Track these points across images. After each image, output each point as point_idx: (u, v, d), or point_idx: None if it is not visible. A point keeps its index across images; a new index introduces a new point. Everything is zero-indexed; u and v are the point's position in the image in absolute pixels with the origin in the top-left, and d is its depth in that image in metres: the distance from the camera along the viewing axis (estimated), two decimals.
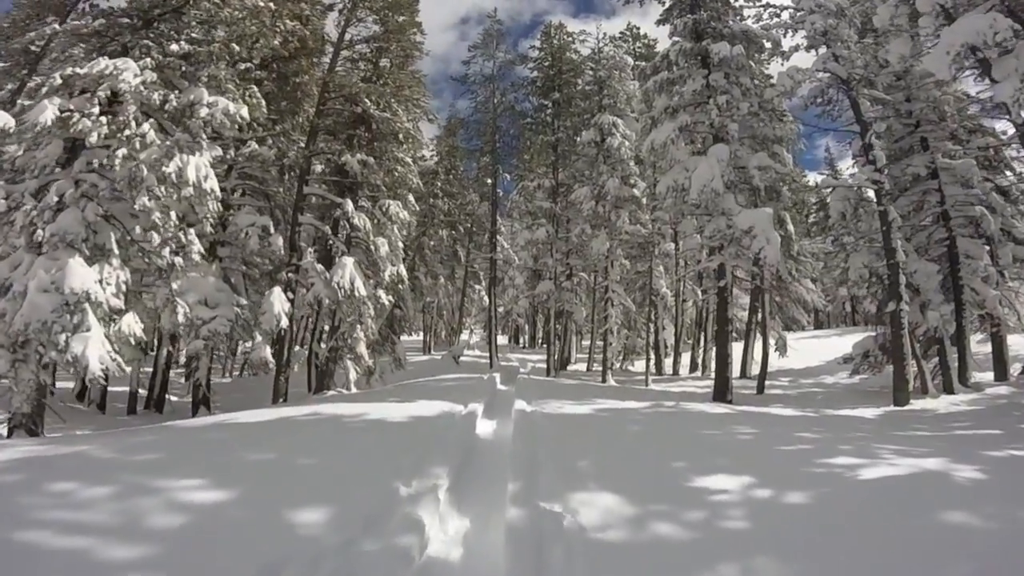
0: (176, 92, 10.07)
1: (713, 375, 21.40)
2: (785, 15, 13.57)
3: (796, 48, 14.00)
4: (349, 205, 13.96)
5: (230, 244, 13.87)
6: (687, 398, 13.33)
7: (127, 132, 8.79)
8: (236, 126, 10.20)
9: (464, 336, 35.08)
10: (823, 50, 13.25)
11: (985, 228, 14.76)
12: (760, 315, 16.51)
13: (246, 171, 15.01)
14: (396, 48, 17.12)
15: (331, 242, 14.19)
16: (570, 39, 22.21)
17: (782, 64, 14.16)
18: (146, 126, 9.09)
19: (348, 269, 12.79)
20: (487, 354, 24.75)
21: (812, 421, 9.33)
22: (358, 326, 13.29)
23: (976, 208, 14.77)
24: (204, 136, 9.86)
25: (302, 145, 15.52)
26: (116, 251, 9.01)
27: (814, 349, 21.64)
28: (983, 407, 11.14)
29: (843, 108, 14.64)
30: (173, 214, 9.48)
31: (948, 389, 12.85)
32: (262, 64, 15.23)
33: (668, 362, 23.58)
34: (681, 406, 10.36)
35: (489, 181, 25.80)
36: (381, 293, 13.97)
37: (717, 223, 12.90)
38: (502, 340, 44.29)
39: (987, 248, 15.04)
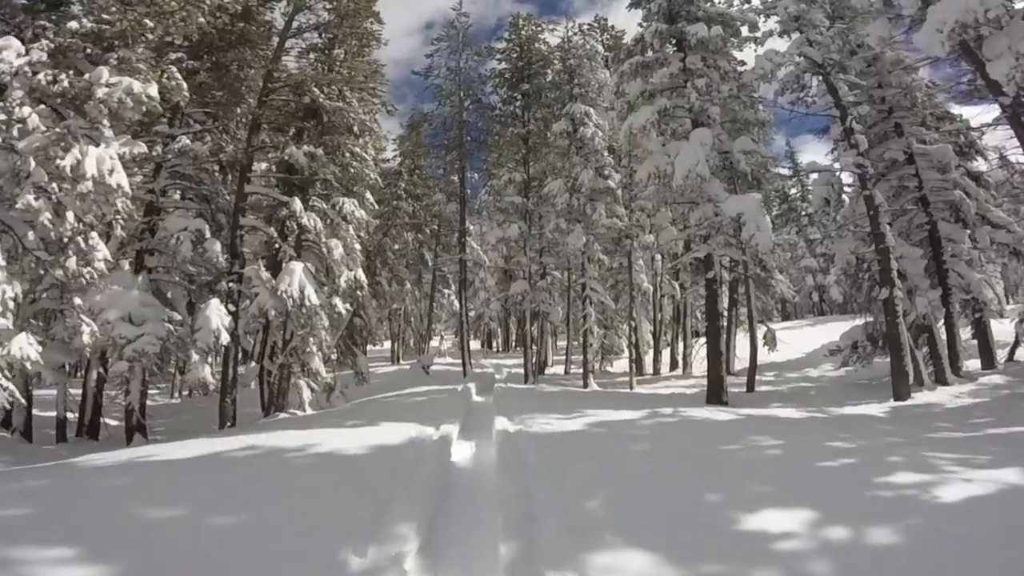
0: (69, 72, 8.42)
1: (694, 373, 21.24)
2: (756, 0, 13.08)
3: (770, 33, 13.49)
4: (297, 204, 12.43)
5: (160, 252, 12.18)
6: (679, 402, 12.41)
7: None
8: (143, 108, 8.58)
9: (434, 343, 33.56)
10: (796, 35, 12.82)
11: (965, 212, 14.68)
12: (746, 308, 15.67)
13: (178, 170, 13.32)
14: (350, 37, 15.65)
15: (278, 246, 12.61)
16: (539, 29, 21.23)
17: (756, 50, 13.65)
18: (27, 110, 7.45)
19: (297, 275, 11.28)
20: (459, 361, 23.31)
21: (828, 424, 8.45)
22: (311, 339, 11.76)
23: (955, 192, 14.61)
24: (106, 123, 8.25)
25: (242, 140, 13.89)
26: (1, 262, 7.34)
27: (791, 340, 21.01)
28: (989, 399, 10.52)
29: (817, 94, 14.20)
30: (70, 215, 7.84)
31: (940, 379, 12.38)
32: (195, 53, 13.65)
33: (647, 360, 22.67)
34: (681, 413, 9.31)
35: (456, 179, 24.50)
36: (337, 301, 12.46)
37: (704, 210, 11.98)
38: (474, 345, 42.96)
39: (967, 232, 14.84)
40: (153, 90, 8.69)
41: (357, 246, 13.66)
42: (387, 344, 35.32)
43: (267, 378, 12.96)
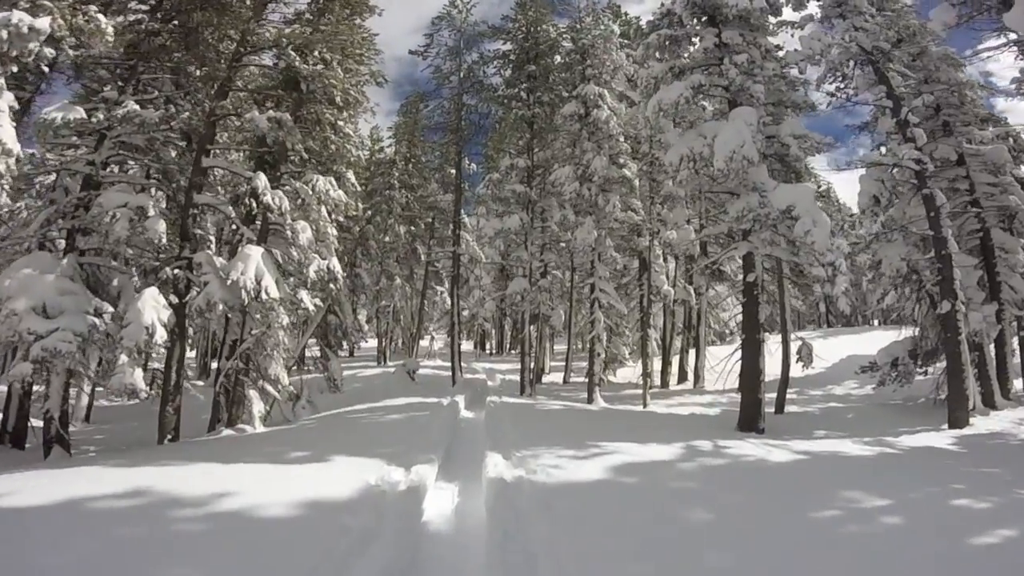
0: None
1: (707, 388, 19.33)
2: None
3: (809, 18, 11.91)
4: (261, 180, 10.39)
5: (95, 232, 10.15)
6: (706, 427, 10.57)
7: None
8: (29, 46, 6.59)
9: (424, 343, 31.55)
10: (837, 22, 11.30)
11: (1022, 220, 13.30)
12: (779, 317, 13.77)
13: (123, 139, 11.29)
14: (338, 5, 13.63)
15: (235, 227, 10.59)
16: (547, 11, 19.00)
17: (792, 35, 11.92)
18: None
19: (254, 263, 9.25)
20: (450, 365, 21.26)
21: (911, 466, 7.07)
22: (268, 339, 9.74)
23: (1011, 198, 13.31)
24: None
25: (204, 105, 11.87)
26: None
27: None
28: None
29: (860, 86, 12.56)
30: None
31: (989, 402, 11.37)
32: (161, 16, 11.82)
33: (655, 369, 20.72)
34: (725, 451, 7.41)
35: (452, 171, 22.52)
36: (304, 295, 10.44)
37: (748, 201, 10.04)
38: (467, 347, 41.10)
39: (1021, 242, 13.54)
40: (44, 22, 6.69)
41: (332, 231, 11.63)
42: (372, 343, 33.39)
43: (215, 386, 10.94)
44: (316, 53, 12.28)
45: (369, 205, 28.40)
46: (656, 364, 20.18)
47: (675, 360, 21.15)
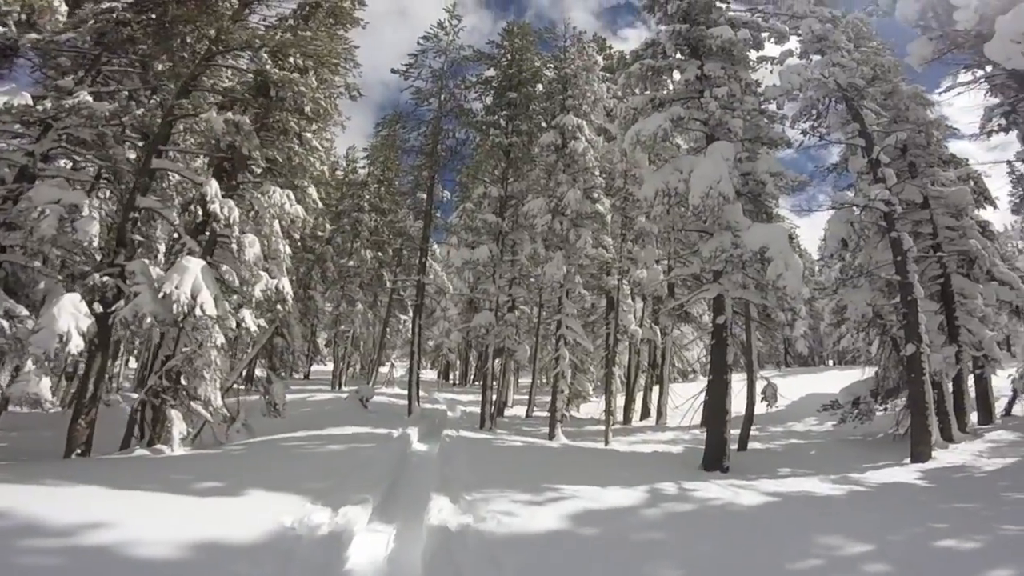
0: None
1: (669, 424, 18.86)
2: (774, 20, 11.67)
3: (789, 53, 12.18)
4: (212, 187, 9.67)
5: (19, 227, 9.21)
6: (669, 466, 10.15)
7: None
8: None
9: (384, 370, 30.39)
10: (816, 58, 11.59)
11: (980, 265, 13.70)
12: (745, 356, 13.57)
13: (71, 132, 10.49)
14: (323, 12, 13.27)
15: (176, 235, 9.80)
16: (533, 40, 19.20)
17: (771, 71, 12.15)
18: None
19: (191, 276, 8.44)
20: (408, 394, 20.27)
21: (882, 504, 6.82)
22: (199, 359, 8.82)
23: (971, 242, 13.53)
24: None
25: (159, 101, 11.20)
26: None
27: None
28: (1017, 458, 9.67)
29: (835, 123, 12.82)
30: None
31: (947, 436, 11.62)
32: (135, 5, 11.26)
33: (618, 406, 20.23)
34: (691, 494, 6.91)
35: (424, 196, 22.06)
36: (247, 315, 9.61)
37: (722, 240, 9.82)
38: (430, 376, 40.03)
39: (979, 287, 13.82)
40: None
41: (285, 248, 10.88)
42: (328, 366, 32.04)
43: (148, 399, 9.90)
44: (291, 60, 11.84)
45: (336, 227, 27.71)
46: (620, 401, 19.75)
47: (639, 397, 20.78)
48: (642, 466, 9.90)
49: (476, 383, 38.76)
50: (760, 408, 13.73)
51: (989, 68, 11.20)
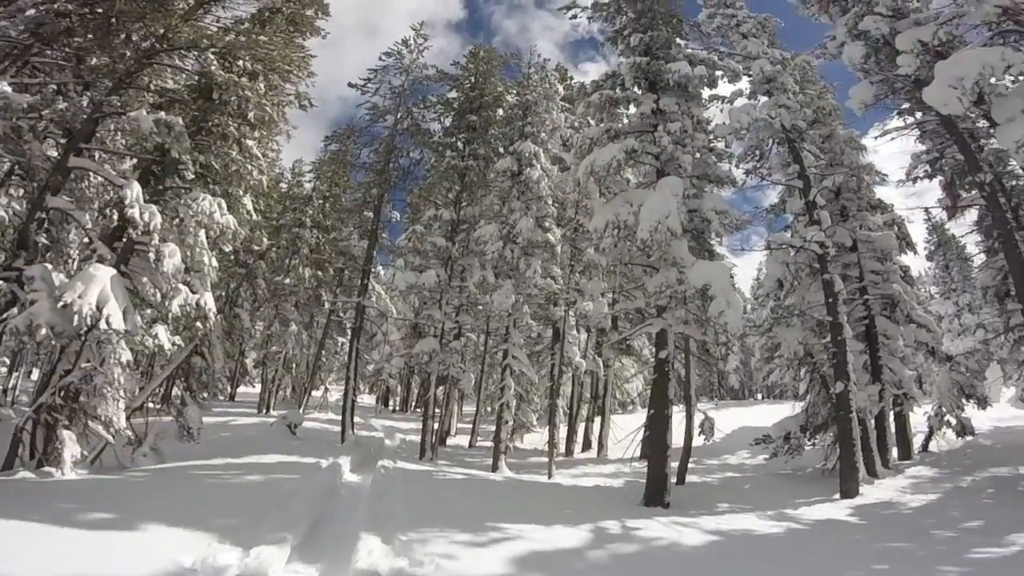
0: None
1: (609, 456, 18.77)
2: (728, 60, 12.29)
3: (739, 93, 12.64)
4: (132, 190, 8.85)
5: None
6: (609, 501, 9.96)
7: None
8: None
9: (317, 394, 28.93)
10: (764, 99, 12.11)
11: (902, 308, 14.52)
12: (684, 391, 13.75)
13: None
14: (282, 19, 12.77)
15: (87, 240, 8.89)
16: (498, 65, 19.10)
17: (722, 110, 12.72)
18: None
19: (98, 285, 7.58)
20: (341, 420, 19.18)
21: (820, 541, 7.02)
22: (99, 376, 7.87)
23: (894, 287, 14.37)
24: None
25: (91, 97, 10.30)
26: None
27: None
28: (940, 494, 10.18)
29: (777, 164, 13.47)
30: None
31: (871, 472, 11.94)
32: None
33: (561, 438, 20.06)
34: (635, 533, 6.78)
35: (371, 215, 21.38)
36: (162, 331, 8.76)
37: (667, 276, 9.98)
38: (368, 401, 38.51)
39: (900, 329, 14.67)
40: None
41: (211, 261, 10.11)
42: (256, 388, 30.11)
43: (22, 421, 8.74)
44: (241, 63, 11.25)
45: (274, 242, 26.45)
46: (563, 432, 19.59)
47: (581, 428, 20.71)
48: (585, 502, 9.68)
49: (417, 410, 37.58)
50: (696, 441, 13.93)
51: (919, 115, 12.10)
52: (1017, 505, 8.48)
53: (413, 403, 38.56)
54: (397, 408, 38.26)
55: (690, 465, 13.28)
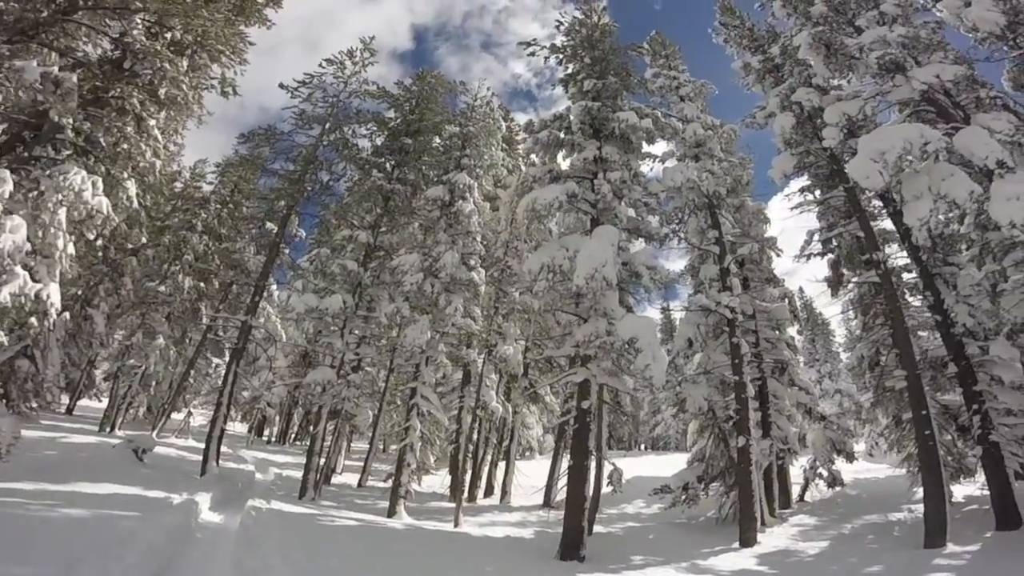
0: None
1: (513, 504, 18.08)
2: (670, 119, 13.04)
3: (671, 154, 13.37)
4: None
5: None
6: (525, 555, 9.50)
7: None
8: None
9: (178, 417, 25.42)
10: (690, 162, 12.84)
11: (790, 373, 15.87)
12: (595, 440, 13.66)
13: None
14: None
15: None
16: (443, 92, 18.40)
17: (651, 168, 13.41)
18: None
19: None
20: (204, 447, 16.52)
21: None
22: None
23: (785, 352, 15.56)
24: None
25: None
26: None
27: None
28: (830, 540, 10.83)
29: (694, 229, 14.24)
30: None
31: (761, 521, 12.35)
32: None
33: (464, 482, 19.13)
34: None
35: (274, 227, 19.53)
36: None
37: (596, 326, 9.95)
38: (239, 429, 34.68)
39: (787, 390, 15.90)
40: None
41: (67, 247, 8.43)
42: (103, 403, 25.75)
43: None
44: (170, 35, 9.82)
45: (156, 242, 23.36)
46: (466, 476, 18.68)
47: (485, 473, 19.95)
48: (499, 555, 9.05)
49: (297, 443, 34.50)
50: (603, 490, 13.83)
51: (818, 193, 13.42)
52: (902, 550, 9.15)
53: (293, 435, 35.34)
54: (274, 440, 34.79)
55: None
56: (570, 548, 9.42)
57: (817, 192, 13.87)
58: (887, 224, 13.54)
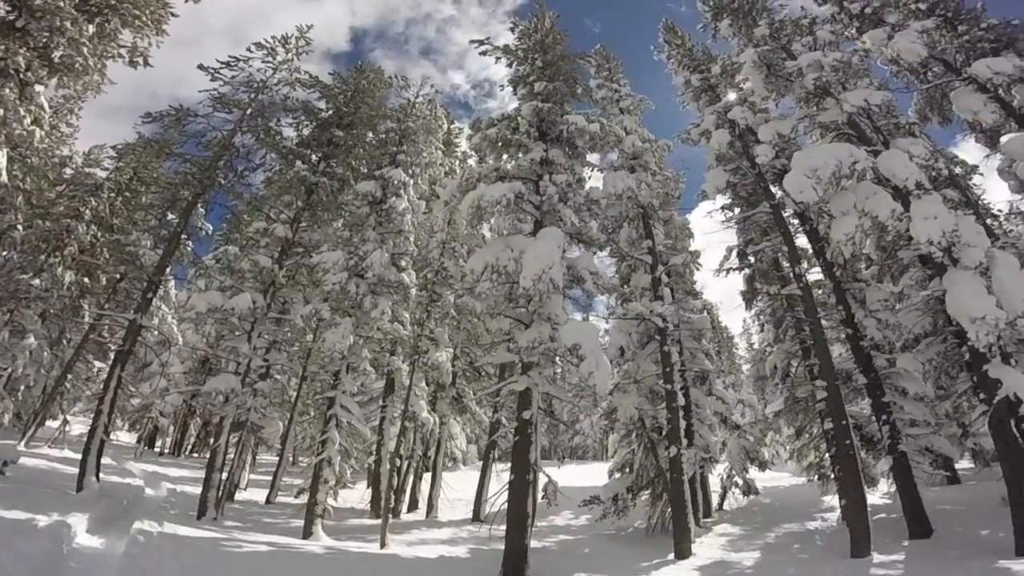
0: None
1: (440, 518, 17.20)
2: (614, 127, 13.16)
3: (610, 164, 13.55)
4: None
5: None
6: (458, 573, 9.14)
7: None
8: None
9: (53, 425, 22.22)
10: (624, 173, 13.05)
11: (711, 383, 16.37)
12: (532, 454, 13.30)
13: None
14: None
15: None
16: (381, 87, 17.00)
17: (589, 177, 13.48)
18: None
19: None
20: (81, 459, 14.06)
21: None
22: None
23: (706, 362, 16.14)
24: None
25: None
26: None
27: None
28: (759, 549, 10.95)
29: (626, 238, 14.51)
30: None
31: None
32: None
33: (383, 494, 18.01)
34: None
35: (174, 217, 17.45)
36: None
37: (539, 331, 9.60)
38: (128, 440, 31.09)
39: (708, 399, 16.44)
40: None
41: None
42: None
43: None
44: None
45: (31, 230, 20.21)
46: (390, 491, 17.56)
47: (408, 486, 18.94)
48: None
49: (195, 455, 31.54)
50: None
51: (738, 211, 14.04)
52: (832, 559, 9.44)
53: (189, 447, 32.21)
54: (167, 451, 31.39)
55: None
56: (514, 571, 8.96)
57: (737, 210, 14.58)
58: (802, 241, 14.51)
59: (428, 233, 15.95)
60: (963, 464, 17.21)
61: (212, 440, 16.65)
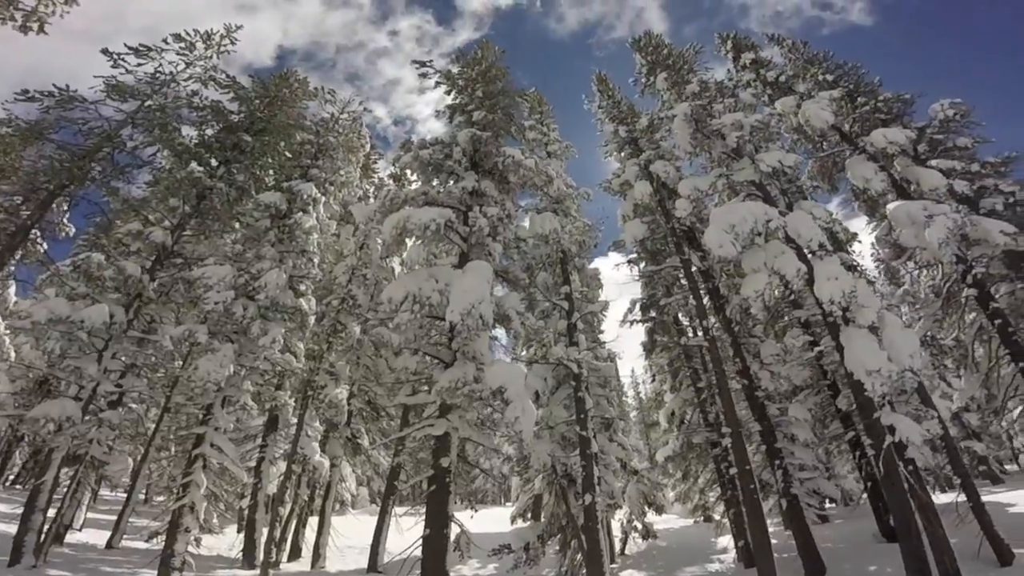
0: None
1: (328, 568, 15.32)
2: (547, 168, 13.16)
3: (534, 207, 13.46)
4: None
5: None
6: None
7: None
8: None
9: None
10: (551, 215, 13.14)
11: (615, 429, 16.40)
12: (450, 506, 12.26)
13: None
14: None
15: None
16: (303, 97, 15.60)
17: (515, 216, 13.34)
18: None
19: None
20: None
21: None
22: None
23: (610, 408, 16.34)
24: None
25: None
26: None
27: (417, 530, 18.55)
28: None
29: (543, 282, 14.46)
30: None
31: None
32: None
33: (259, 541, 15.66)
34: None
35: (27, 210, 14.47)
36: None
37: (463, 371, 8.90)
38: None
39: (612, 445, 16.47)
40: None
41: None
42: None
43: None
44: None
45: None
46: (263, 535, 15.28)
47: (289, 533, 16.71)
48: None
49: (18, 487, 25.86)
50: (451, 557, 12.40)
51: (643, 265, 14.48)
52: None
53: (12, 477, 26.68)
54: None
55: None
56: None
57: (642, 264, 15.18)
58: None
59: (336, 257, 14.62)
60: (827, 505, 18.76)
61: (36, 476, 13.58)
